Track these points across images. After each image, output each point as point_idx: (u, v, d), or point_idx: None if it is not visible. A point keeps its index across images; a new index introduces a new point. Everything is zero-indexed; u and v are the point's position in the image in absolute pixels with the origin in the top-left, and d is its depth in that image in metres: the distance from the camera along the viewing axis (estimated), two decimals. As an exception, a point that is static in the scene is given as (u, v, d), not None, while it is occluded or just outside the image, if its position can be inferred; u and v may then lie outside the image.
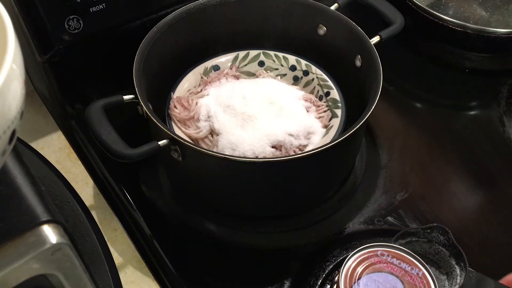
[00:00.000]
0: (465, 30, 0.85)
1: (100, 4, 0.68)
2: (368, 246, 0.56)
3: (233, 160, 0.60)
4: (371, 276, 0.54)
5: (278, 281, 0.63)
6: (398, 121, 0.84)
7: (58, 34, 0.67)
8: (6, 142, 0.32)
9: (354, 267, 0.54)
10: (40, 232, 0.36)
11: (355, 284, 0.53)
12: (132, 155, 0.58)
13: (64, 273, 0.38)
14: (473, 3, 0.90)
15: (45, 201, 0.37)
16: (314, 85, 0.75)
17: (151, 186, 0.71)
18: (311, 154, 0.59)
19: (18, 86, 0.33)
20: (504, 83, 0.86)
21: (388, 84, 0.79)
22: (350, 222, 0.69)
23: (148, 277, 0.65)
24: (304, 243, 0.68)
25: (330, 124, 0.69)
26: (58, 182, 0.66)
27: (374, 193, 0.72)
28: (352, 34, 0.70)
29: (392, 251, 0.55)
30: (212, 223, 0.69)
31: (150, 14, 0.73)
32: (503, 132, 0.80)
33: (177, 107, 0.69)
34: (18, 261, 0.35)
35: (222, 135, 0.66)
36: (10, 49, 0.32)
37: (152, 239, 0.66)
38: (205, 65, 0.75)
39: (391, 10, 0.74)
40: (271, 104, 0.68)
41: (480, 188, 0.75)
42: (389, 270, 0.54)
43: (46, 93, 0.77)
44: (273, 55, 0.77)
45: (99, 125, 0.59)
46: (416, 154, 0.78)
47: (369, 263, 0.55)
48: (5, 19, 0.34)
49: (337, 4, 0.74)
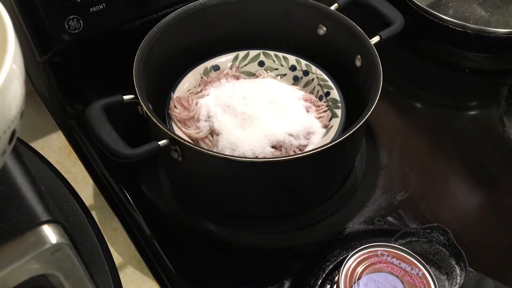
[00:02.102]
0: (465, 30, 0.85)
1: (100, 4, 0.68)
2: (368, 246, 0.56)
3: (233, 160, 0.60)
4: (371, 276, 0.54)
5: (278, 281, 0.63)
6: (398, 121, 0.84)
7: (58, 34, 0.67)
8: (6, 142, 0.33)
9: (354, 267, 0.54)
10: (40, 232, 0.36)
11: (355, 284, 0.53)
12: (132, 155, 0.58)
13: (64, 273, 0.38)
14: (473, 3, 0.90)
15: (45, 201, 0.37)
16: (314, 85, 0.75)
17: (151, 186, 0.71)
18: (311, 154, 0.59)
19: (18, 86, 0.33)
20: (504, 83, 0.86)
21: (388, 84, 0.79)
22: (350, 222, 0.69)
23: (148, 277, 0.65)
24: (304, 243, 0.68)
25: (330, 124, 0.69)
26: (58, 182, 0.66)
27: (374, 193, 0.72)
28: (352, 34, 0.70)
29: (392, 251, 0.55)
30: (212, 223, 0.69)
31: (150, 14, 0.73)
32: (503, 132, 0.80)
33: (177, 107, 0.69)
34: (18, 261, 0.35)
35: (222, 135, 0.66)
36: (10, 49, 0.32)
37: (152, 239, 0.66)
38: (205, 65, 0.75)
39: (391, 10, 0.74)
40: (271, 104, 0.68)
41: (480, 188, 0.75)
42: (389, 270, 0.54)
43: (46, 93, 0.77)
44: (273, 55, 0.77)
45: (99, 125, 0.59)
46: (416, 154, 0.78)
47: (369, 263, 0.55)
48: (5, 19, 0.34)
49: (337, 4, 0.74)
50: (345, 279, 0.54)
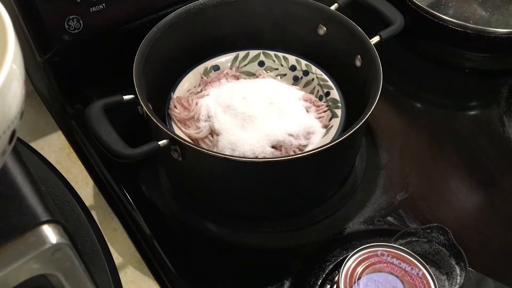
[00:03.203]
0: (465, 30, 0.85)
1: (100, 4, 0.68)
2: (368, 246, 0.56)
3: (233, 160, 0.60)
4: (371, 276, 0.54)
5: (278, 281, 0.63)
6: (398, 121, 0.84)
7: (58, 34, 0.67)
8: (6, 142, 0.33)
9: (354, 267, 0.54)
10: (40, 232, 0.36)
11: (355, 284, 0.53)
12: (132, 155, 0.58)
13: (64, 273, 0.38)
14: (473, 3, 0.90)
15: (45, 201, 0.37)
16: (314, 85, 0.75)
17: (151, 186, 0.71)
18: (311, 154, 0.59)
19: (18, 86, 0.33)
20: (504, 83, 0.86)
21: (388, 84, 0.79)
22: (350, 222, 0.69)
23: (148, 277, 0.65)
24: (304, 243, 0.68)
25: (330, 124, 0.69)
26: (58, 182, 0.66)
27: (374, 193, 0.72)
28: (352, 34, 0.70)
29: (392, 251, 0.55)
30: (212, 223, 0.69)
31: (150, 14, 0.73)
32: (503, 132, 0.80)
33: (177, 107, 0.69)
34: (18, 261, 0.35)
35: (222, 135, 0.66)
36: (10, 49, 0.32)
37: (152, 239, 0.66)
38: (205, 65, 0.75)
39: (391, 10, 0.74)
40: (271, 104, 0.68)
41: (480, 188, 0.75)
42: (389, 270, 0.54)
43: (46, 93, 0.77)
44: (273, 55, 0.77)
45: (99, 125, 0.59)
46: (416, 154, 0.78)
47: (369, 263, 0.55)
48: (5, 19, 0.34)
49: (337, 4, 0.74)
50: (345, 279, 0.54)
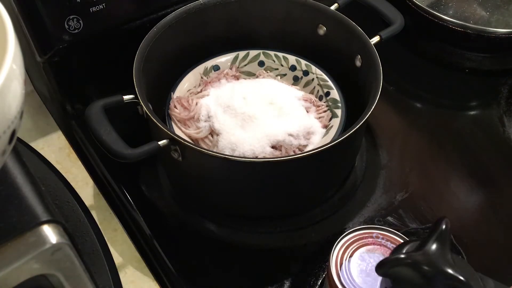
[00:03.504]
0: (465, 30, 0.85)
1: (100, 4, 0.68)
2: (365, 227, 0.56)
3: (233, 160, 0.60)
4: (364, 256, 0.54)
5: (278, 281, 0.63)
6: (398, 121, 0.84)
7: (58, 34, 0.67)
8: (6, 142, 0.33)
9: (348, 245, 0.54)
10: (40, 232, 0.36)
11: (345, 261, 0.53)
12: (132, 155, 0.58)
13: (64, 273, 0.38)
14: (473, 3, 0.90)
15: (45, 201, 0.37)
16: (314, 85, 0.75)
17: (151, 186, 0.71)
18: (311, 154, 0.59)
19: (18, 86, 0.33)
20: (504, 83, 0.86)
21: (388, 84, 0.79)
22: (350, 222, 0.69)
23: (148, 277, 0.65)
24: (304, 243, 0.68)
25: (330, 124, 0.69)
26: (58, 182, 0.66)
27: (374, 193, 0.72)
28: (352, 34, 0.70)
29: (387, 235, 0.55)
30: (212, 223, 0.69)
31: (150, 14, 0.73)
32: (503, 132, 0.80)
33: (177, 107, 0.69)
34: (18, 261, 0.35)
35: (222, 135, 0.66)
36: (10, 49, 0.32)
37: (152, 239, 0.66)
38: (205, 65, 0.75)
39: (391, 10, 0.74)
40: (271, 104, 0.68)
41: (480, 188, 0.75)
42: (381, 252, 0.54)
43: (46, 93, 0.77)
44: (273, 55, 0.77)
45: (99, 125, 0.59)
46: (416, 154, 0.78)
47: (363, 243, 0.55)
48: (5, 19, 0.34)
49: (337, 4, 0.74)
50: (337, 255, 0.54)
